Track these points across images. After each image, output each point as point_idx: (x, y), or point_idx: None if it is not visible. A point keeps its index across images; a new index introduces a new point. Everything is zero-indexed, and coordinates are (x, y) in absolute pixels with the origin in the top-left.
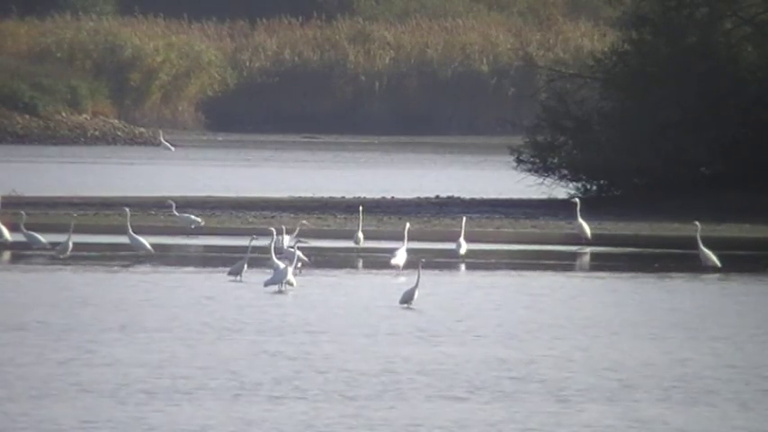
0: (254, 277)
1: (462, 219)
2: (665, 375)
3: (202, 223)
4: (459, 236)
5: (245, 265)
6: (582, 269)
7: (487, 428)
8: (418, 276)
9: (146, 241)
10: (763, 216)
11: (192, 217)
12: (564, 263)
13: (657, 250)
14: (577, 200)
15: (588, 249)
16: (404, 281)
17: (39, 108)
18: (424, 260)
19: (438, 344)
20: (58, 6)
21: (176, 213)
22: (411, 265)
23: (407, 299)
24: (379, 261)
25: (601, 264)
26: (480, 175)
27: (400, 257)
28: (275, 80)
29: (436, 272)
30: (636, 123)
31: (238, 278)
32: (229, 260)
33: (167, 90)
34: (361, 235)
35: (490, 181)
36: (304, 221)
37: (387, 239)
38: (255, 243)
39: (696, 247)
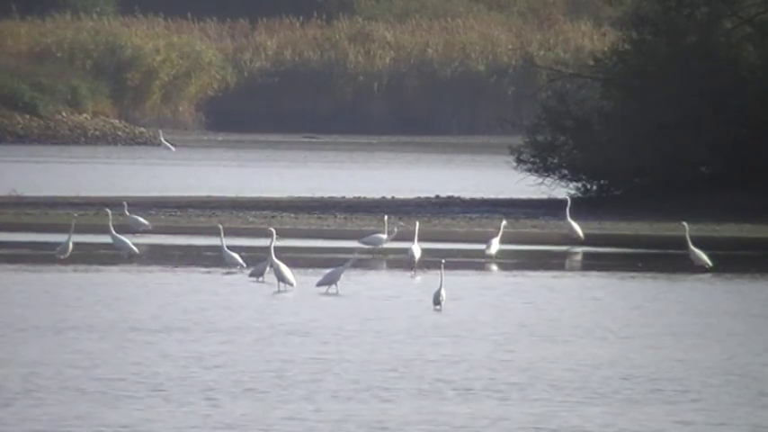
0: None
1: (502, 221)
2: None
3: (150, 226)
4: (492, 236)
5: (268, 267)
6: (575, 269)
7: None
8: (441, 277)
9: (129, 241)
10: (763, 216)
11: (140, 219)
12: (563, 263)
13: (656, 251)
14: (568, 198)
15: (579, 249)
16: (420, 280)
17: (39, 108)
18: (444, 261)
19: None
20: (58, 6)
21: (127, 213)
22: (423, 264)
23: (437, 300)
24: (381, 261)
25: (596, 264)
26: (480, 175)
27: (416, 253)
28: (275, 80)
29: (436, 272)
30: (636, 123)
31: (261, 279)
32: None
33: (167, 90)
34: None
35: (490, 181)
36: (401, 223)
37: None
38: (276, 244)
39: (686, 247)
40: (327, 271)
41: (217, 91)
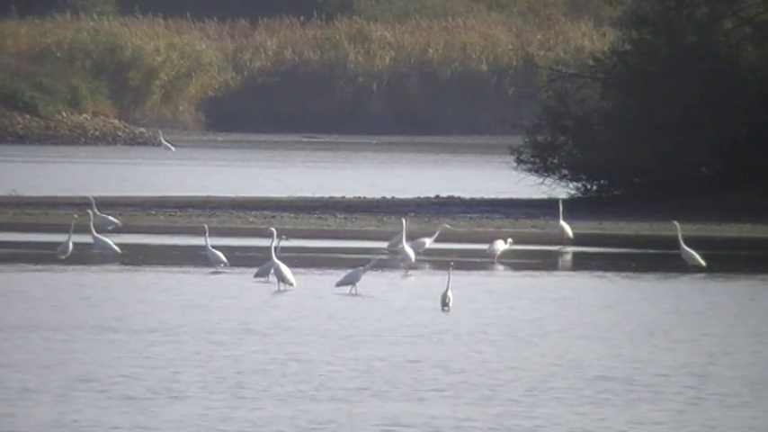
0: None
1: (509, 239)
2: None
3: (120, 224)
4: (497, 239)
5: (273, 267)
6: (566, 269)
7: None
8: (449, 278)
9: (111, 241)
10: (763, 216)
11: (111, 218)
12: (557, 263)
13: (654, 251)
14: (560, 201)
15: (571, 249)
16: (414, 280)
17: (39, 108)
18: (452, 263)
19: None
20: (58, 6)
21: (96, 212)
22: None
23: (444, 301)
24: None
25: (589, 264)
26: (480, 175)
27: (410, 254)
28: (275, 80)
29: (437, 272)
30: (636, 123)
31: (266, 279)
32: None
33: (168, 90)
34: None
35: (490, 181)
36: (446, 225)
37: (386, 240)
38: (285, 243)
39: (678, 246)
40: (348, 271)
41: (217, 91)
